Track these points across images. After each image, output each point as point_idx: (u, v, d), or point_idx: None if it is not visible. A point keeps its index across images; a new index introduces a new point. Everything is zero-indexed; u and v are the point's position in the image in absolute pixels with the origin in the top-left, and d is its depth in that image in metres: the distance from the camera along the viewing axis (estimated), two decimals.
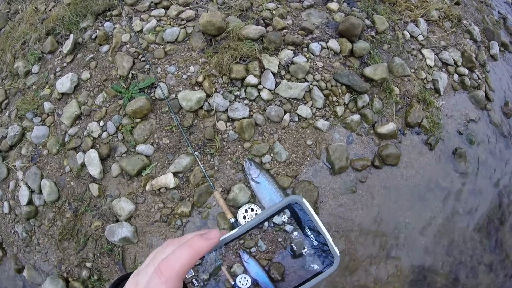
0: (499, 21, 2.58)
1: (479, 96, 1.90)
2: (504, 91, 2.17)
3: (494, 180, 1.83)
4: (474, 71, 1.98)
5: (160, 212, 1.36)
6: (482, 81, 1.99)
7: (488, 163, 1.84)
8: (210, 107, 1.37)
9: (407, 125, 1.58)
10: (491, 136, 1.93)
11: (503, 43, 2.36)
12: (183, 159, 1.35)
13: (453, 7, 2.10)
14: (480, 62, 2.07)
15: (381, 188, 1.47)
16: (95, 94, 1.59)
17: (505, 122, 2.05)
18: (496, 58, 2.24)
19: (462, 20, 2.10)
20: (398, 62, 1.62)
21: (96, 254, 1.47)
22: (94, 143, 1.50)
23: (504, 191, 1.85)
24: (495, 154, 1.91)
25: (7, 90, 1.99)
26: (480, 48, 2.15)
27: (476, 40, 2.12)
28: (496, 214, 1.77)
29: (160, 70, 1.49)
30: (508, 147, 1.99)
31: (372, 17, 1.68)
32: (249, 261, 0.32)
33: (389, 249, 1.48)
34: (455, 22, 2.04)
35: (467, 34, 2.10)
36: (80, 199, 1.52)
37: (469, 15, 2.28)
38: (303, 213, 0.31)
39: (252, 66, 1.38)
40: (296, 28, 1.53)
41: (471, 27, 2.12)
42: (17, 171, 1.71)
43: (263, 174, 1.26)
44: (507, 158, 1.94)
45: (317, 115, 1.41)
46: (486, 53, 2.17)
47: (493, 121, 1.97)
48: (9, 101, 1.96)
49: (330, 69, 1.47)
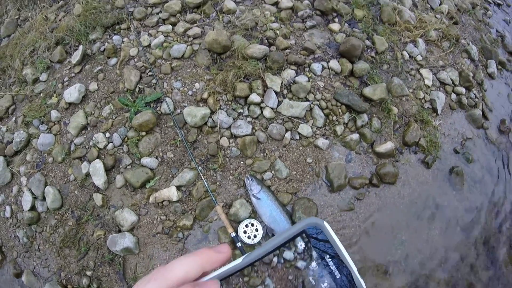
0: (497, 39, 2.67)
1: (476, 115, 1.97)
2: (501, 109, 2.24)
3: (491, 198, 1.88)
4: (472, 90, 2.05)
5: (162, 224, 1.41)
6: (480, 100, 2.06)
7: (485, 180, 1.89)
8: (214, 123, 1.43)
9: (405, 144, 1.65)
10: (488, 154, 1.99)
11: (501, 61, 2.45)
12: (186, 173, 1.41)
13: (452, 27, 2.19)
14: (478, 81, 2.15)
15: (378, 205, 1.52)
16: (102, 106, 1.65)
17: (501, 140, 2.12)
18: (493, 77, 2.32)
19: (460, 39, 2.18)
20: (397, 82, 1.69)
21: (97, 263, 1.51)
22: (99, 154, 1.55)
23: (501, 208, 1.90)
24: (492, 171, 1.96)
25: (14, 96, 2.05)
26: (477, 67, 2.23)
27: (473, 59, 2.20)
28: (492, 231, 1.82)
29: (166, 85, 1.56)
30: (505, 165, 2.05)
31: (372, 37, 1.76)
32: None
33: (386, 265, 1.52)
34: (453, 41, 2.12)
35: (465, 54, 2.19)
36: (83, 208, 1.56)
37: (467, 34, 2.37)
38: (324, 239, 0.27)
39: (255, 84, 1.45)
40: (299, 48, 1.61)
41: (468, 47, 2.20)
42: (21, 177, 1.75)
43: (264, 190, 1.31)
44: (503, 175, 1.99)
45: (317, 133, 1.47)
46: (483, 71, 2.25)
47: (490, 139, 2.03)
48: (16, 107, 2.02)
49: (330, 89, 1.54)
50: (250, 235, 1.31)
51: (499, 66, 2.42)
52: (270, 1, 1.74)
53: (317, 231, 0.28)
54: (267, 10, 1.70)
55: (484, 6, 2.90)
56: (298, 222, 0.28)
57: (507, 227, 1.90)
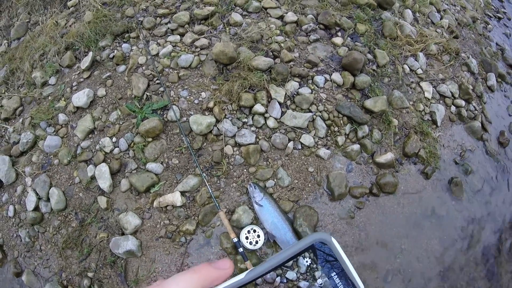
0: (497, 52, 2.77)
1: (476, 127, 2.03)
2: (500, 121, 2.31)
3: (490, 208, 1.92)
4: (471, 102, 2.13)
5: (165, 229, 1.47)
6: (479, 112, 2.14)
7: (484, 191, 1.95)
8: (219, 132, 1.50)
9: (405, 155, 1.71)
10: (487, 165, 2.05)
11: (500, 74, 2.53)
12: (191, 179, 1.47)
13: (452, 41, 2.28)
14: (477, 94, 2.23)
15: (378, 214, 1.58)
16: (109, 111, 1.72)
17: (500, 152, 2.18)
18: (493, 89, 2.40)
19: (460, 53, 2.27)
20: (397, 95, 1.77)
21: (98, 264, 1.55)
22: (105, 158, 1.61)
23: (500, 219, 1.95)
24: (491, 182, 2.02)
25: (22, 97, 2.13)
26: (477, 80, 2.31)
27: (473, 72, 2.28)
28: (492, 241, 1.86)
29: (173, 94, 1.63)
30: (504, 176, 2.10)
31: (374, 51, 1.85)
32: None
33: (385, 274, 1.56)
34: (453, 55, 2.21)
35: (465, 67, 2.27)
36: (87, 210, 1.61)
37: (467, 47, 2.46)
38: (331, 255, 0.27)
39: (260, 95, 1.53)
40: (302, 60, 1.69)
41: (468, 60, 2.28)
42: (26, 177, 1.81)
43: (266, 197, 1.37)
44: (502, 186, 2.04)
45: (319, 144, 1.54)
46: (483, 84, 2.33)
47: (489, 150, 2.09)
48: (24, 108, 2.09)
49: (333, 101, 1.62)
50: (252, 241, 1.36)
51: (498, 79, 2.50)
52: (275, 15, 1.84)
53: (324, 246, 0.27)
54: (273, 24, 1.79)
55: (485, 20, 3.01)
56: (305, 237, 0.27)
57: (506, 238, 1.94)
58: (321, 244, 0.27)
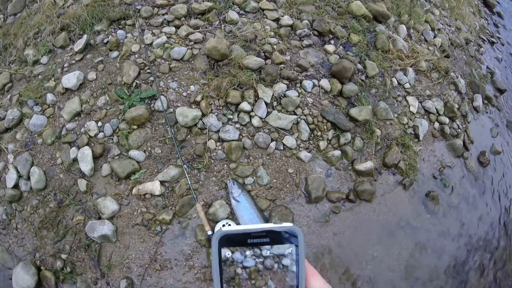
0: (487, 75, 2.86)
1: (457, 144, 2.10)
2: (482, 142, 2.38)
3: (464, 225, 1.98)
4: (455, 120, 2.20)
5: (142, 216, 1.48)
6: (462, 131, 2.21)
7: (460, 208, 2.01)
8: (204, 125, 1.52)
9: (384, 165, 1.76)
10: (465, 182, 2.11)
11: (487, 97, 2.61)
12: (171, 169, 1.49)
13: (443, 59, 2.35)
14: (462, 113, 2.30)
15: (353, 220, 1.62)
16: (98, 96, 1.73)
17: (480, 171, 2.25)
18: (478, 110, 2.48)
19: (450, 72, 2.34)
20: (383, 106, 1.82)
21: (73, 247, 1.55)
22: (89, 141, 1.62)
23: (473, 236, 2.01)
24: (468, 200, 2.08)
25: (12, 74, 2.11)
26: (464, 99, 2.38)
27: (461, 91, 2.36)
28: (463, 257, 1.92)
29: (162, 84, 1.65)
30: (481, 195, 2.17)
31: (364, 62, 1.90)
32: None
33: (355, 279, 1.61)
34: (442, 73, 2.28)
35: (453, 86, 2.34)
36: (66, 192, 1.61)
37: (457, 68, 2.54)
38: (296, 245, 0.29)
39: (247, 93, 1.56)
40: (293, 64, 1.73)
41: (457, 79, 2.36)
42: (8, 154, 1.80)
43: (244, 194, 1.40)
44: (479, 205, 2.11)
45: (301, 146, 1.58)
46: (469, 104, 2.40)
47: (468, 168, 2.16)
48: (13, 85, 2.07)
49: (318, 106, 1.66)
50: None
51: (485, 101, 2.59)
52: (271, 17, 1.87)
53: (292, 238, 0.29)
54: (268, 25, 1.83)
55: (478, 43, 3.11)
56: (283, 224, 0.30)
57: (479, 254, 2.00)
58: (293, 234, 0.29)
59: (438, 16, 2.80)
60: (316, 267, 1.51)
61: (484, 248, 2.04)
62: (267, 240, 0.29)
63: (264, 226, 0.29)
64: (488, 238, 2.08)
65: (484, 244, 2.05)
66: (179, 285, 1.42)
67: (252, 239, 0.29)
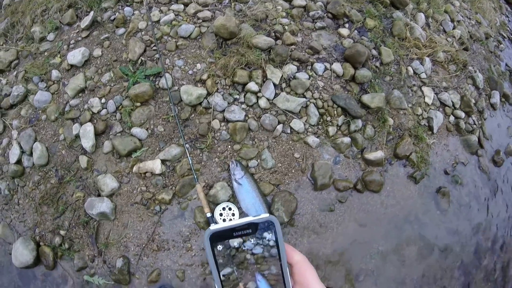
0: (505, 72, 2.69)
1: (472, 141, 1.97)
2: (498, 140, 2.24)
3: (474, 224, 1.87)
4: (471, 116, 2.06)
5: (141, 195, 1.42)
6: (478, 127, 2.07)
7: (471, 206, 1.89)
8: (208, 105, 1.45)
9: (395, 156, 1.66)
10: (478, 181, 1.99)
11: (505, 94, 2.46)
12: (173, 148, 1.42)
13: (461, 52, 2.21)
14: (479, 109, 2.16)
15: (359, 211, 1.53)
16: (102, 72, 1.67)
17: (493, 170, 2.12)
18: (495, 108, 2.33)
19: (468, 66, 2.20)
20: (397, 95, 1.71)
21: (72, 223, 1.51)
22: (92, 118, 1.57)
23: (482, 236, 1.90)
24: (479, 199, 1.96)
25: (19, 51, 2.08)
26: (481, 95, 2.24)
27: (478, 86, 2.21)
28: (470, 257, 1.82)
29: (168, 62, 1.57)
30: (493, 195, 2.04)
31: (379, 48, 1.78)
32: (261, 280, 0.36)
33: (358, 272, 1.52)
34: (460, 66, 2.14)
35: (470, 80, 2.20)
36: (67, 168, 1.58)
37: (475, 62, 2.39)
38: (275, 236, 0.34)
39: (255, 74, 1.47)
40: (304, 46, 1.63)
41: (475, 74, 2.21)
42: (12, 130, 1.77)
43: (246, 177, 1.33)
44: (490, 205, 1.99)
45: (309, 131, 1.48)
46: (486, 101, 2.26)
47: (482, 167, 2.04)
48: (19, 62, 2.04)
49: (329, 90, 1.56)
50: (226, 219, 1.32)
51: (502, 98, 2.43)
52: None
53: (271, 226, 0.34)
54: (280, 5, 1.72)
55: (498, 39, 2.92)
56: (261, 215, 0.34)
57: (486, 257, 1.89)
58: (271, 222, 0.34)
59: (458, 7, 2.64)
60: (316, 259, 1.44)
61: (492, 251, 1.93)
62: (250, 231, 0.34)
63: (245, 220, 0.34)
64: (497, 241, 1.97)
65: (492, 247, 1.94)
66: (175, 267, 1.36)
67: (237, 232, 0.34)
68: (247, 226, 0.33)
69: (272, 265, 0.35)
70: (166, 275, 1.37)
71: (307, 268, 0.36)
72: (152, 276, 1.37)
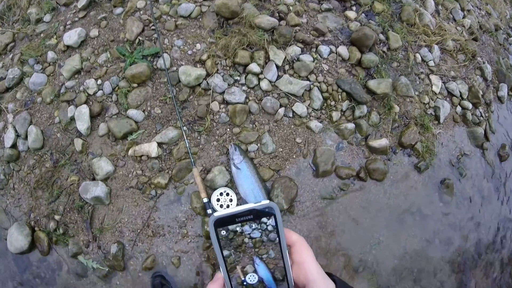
0: None
1: (478, 133, 1.90)
2: (504, 134, 2.17)
3: (476, 219, 1.82)
4: (478, 107, 1.99)
5: (137, 179, 1.37)
6: (484, 119, 2.00)
7: (474, 200, 1.84)
8: (208, 86, 1.38)
9: (400, 145, 1.59)
10: (482, 174, 1.93)
11: None
12: (170, 131, 1.36)
13: (470, 42, 2.11)
14: (486, 101, 2.08)
15: (361, 200, 1.47)
16: (99, 53, 1.60)
17: (498, 165, 2.05)
18: (503, 101, 2.25)
19: (477, 56, 2.11)
20: (404, 82, 1.63)
21: (66, 208, 1.47)
22: (87, 100, 1.50)
23: (484, 231, 1.85)
24: (483, 193, 1.90)
25: (15, 33, 2.00)
26: (488, 87, 2.16)
27: (486, 78, 2.13)
28: (470, 252, 1.77)
29: (167, 42, 1.50)
30: (496, 190, 1.98)
31: (387, 33, 1.70)
32: (259, 264, 0.37)
33: (357, 263, 1.47)
34: (469, 56, 2.05)
35: (479, 71, 2.11)
36: (62, 152, 1.52)
37: (484, 53, 2.30)
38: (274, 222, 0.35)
39: (257, 55, 1.40)
40: (309, 27, 1.55)
41: (484, 65, 2.13)
42: (8, 113, 1.71)
43: (245, 161, 1.26)
44: (493, 200, 1.93)
45: (312, 115, 1.41)
46: (494, 93, 2.18)
47: (487, 160, 1.97)
48: (15, 44, 1.97)
49: (334, 74, 1.48)
50: (223, 204, 1.26)
51: (510, 92, 2.35)
52: None
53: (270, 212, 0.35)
54: None
55: (507, 32, 2.82)
56: (262, 202, 0.35)
57: (487, 252, 1.84)
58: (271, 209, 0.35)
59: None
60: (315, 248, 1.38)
61: (493, 246, 1.88)
62: (251, 217, 0.34)
63: (247, 207, 0.34)
64: (499, 236, 1.92)
65: (493, 242, 1.89)
66: (171, 253, 1.31)
67: (239, 217, 0.34)
68: (248, 212, 0.34)
69: (270, 249, 0.36)
70: (161, 262, 1.32)
71: (304, 248, 0.36)
72: (146, 262, 1.32)
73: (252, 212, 0.34)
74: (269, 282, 0.37)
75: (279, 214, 0.34)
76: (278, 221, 0.34)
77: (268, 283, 0.37)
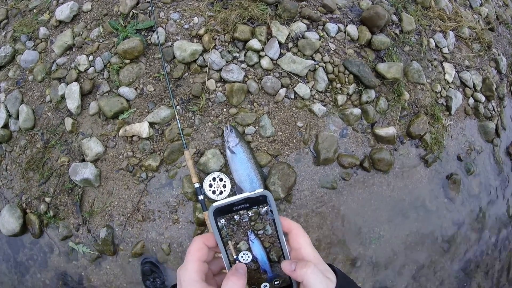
0: None
1: (489, 128, 1.73)
2: None
3: (481, 217, 1.68)
4: (491, 101, 1.80)
5: (127, 161, 1.24)
6: (496, 114, 1.82)
7: (480, 198, 1.69)
8: (204, 62, 1.22)
9: (408, 135, 1.43)
10: (490, 172, 1.77)
11: None
12: (163, 110, 1.21)
13: (486, 32, 1.91)
14: (499, 95, 1.90)
15: (363, 191, 1.33)
16: (91, 28, 1.45)
17: (507, 162, 1.89)
18: None
19: (492, 47, 1.91)
20: (416, 67, 1.45)
21: (56, 190, 1.36)
22: (78, 77, 1.36)
23: (488, 232, 1.71)
24: (489, 191, 1.75)
25: (9, 10, 1.85)
26: (503, 80, 1.96)
27: (501, 71, 1.94)
28: (472, 252, 1.64)
29: (163, 15, 1.33)
30: (503, 188, 1.83)
31: (400, 14, 1.51)
32: (254, 241, 0.35)
33: (355, 257, 1.35)
34: (484, 46, 1.85)
35: (493, 63, 1.92)
36: (53, 132, 1.40)
37: (500, 45, 2.08)
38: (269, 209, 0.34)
39: (259, 30, 1.23)
40: (317, 3, 1.36)
41: (499, 57, 1.93)
42: (0, 93, 1.59)
43: (241, 145, 1.12)
44: (499, 199, 1.78)
45: (315, 97, 1.25)
46: (507, 87, 1.99)
47: (496, 157, 1.81)
48: (9, 21, 1.82)
49: (341, 54, 1.31)
50: (216, 190, 1.13)
51: None
52: None
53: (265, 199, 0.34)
54: None
55: None
56: (256, 191, 0.34)
57: (490, 253, 1.71)
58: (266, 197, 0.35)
59: None
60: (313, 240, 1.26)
61: (496, 247, 1.74)
62: (247, 205, 0.34)
63: (243, 196, 0.34)
64: (503, 237, 1.78)
65: (497, 243, 1.75)
66: (161, 239, 1.20)
67: (236, 206, 0.34)
68: (244, 200, 0.34)
69: (268, 225, 0.35)
70: (151, 248, 1.21)
71: (301, 234, 0.35)
72: (136, 248, 1.21)
73: (248, 200, 0.33)
74: (263, 263, 0.35)
75: (273, 202, 0.33)
76: (272, 208, 0.34)
77: (263, 263, 0.35)
